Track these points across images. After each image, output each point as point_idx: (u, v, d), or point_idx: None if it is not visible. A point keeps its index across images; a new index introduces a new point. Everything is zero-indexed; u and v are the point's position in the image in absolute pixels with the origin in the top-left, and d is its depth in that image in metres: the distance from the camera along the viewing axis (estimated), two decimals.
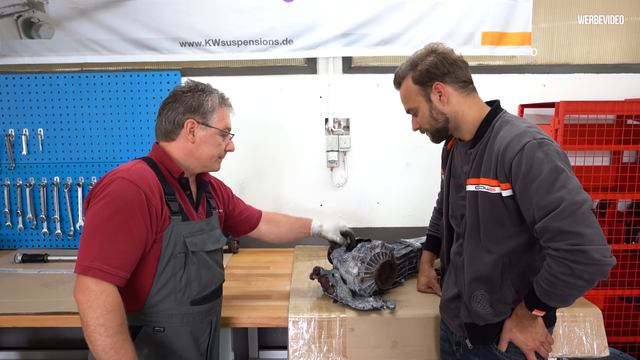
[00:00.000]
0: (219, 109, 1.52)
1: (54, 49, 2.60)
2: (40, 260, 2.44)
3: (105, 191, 1.30)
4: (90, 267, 1.24)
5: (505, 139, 1.32)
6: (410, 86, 1.48)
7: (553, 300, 1.26)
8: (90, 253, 1.25)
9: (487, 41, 2.61)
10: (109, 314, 1.23)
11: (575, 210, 1.19)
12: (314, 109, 2.69)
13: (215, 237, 1.57)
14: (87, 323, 1.22)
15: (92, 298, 1.22)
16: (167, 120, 1.47)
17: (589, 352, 1.75)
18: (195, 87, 1.50)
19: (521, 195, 1.28)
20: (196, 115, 1.47)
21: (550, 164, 1.24)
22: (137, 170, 1.36)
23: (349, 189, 2.76)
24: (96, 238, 1.26)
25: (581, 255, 1.17)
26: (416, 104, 1.49)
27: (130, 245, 1.29)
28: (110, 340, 1.22)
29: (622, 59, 2.70)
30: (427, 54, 1.46)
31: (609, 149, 2.52)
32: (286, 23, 2.58)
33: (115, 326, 1.23)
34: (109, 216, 1.27)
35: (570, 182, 1.22)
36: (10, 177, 2.69)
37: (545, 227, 1.22)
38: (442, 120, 1.46)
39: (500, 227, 1.37)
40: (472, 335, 1.48)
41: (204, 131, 1.48)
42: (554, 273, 1.22)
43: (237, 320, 1.79)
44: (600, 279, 1.20)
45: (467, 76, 1.46)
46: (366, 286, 1.78)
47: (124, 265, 1.28)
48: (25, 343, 2.93)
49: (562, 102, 2.30)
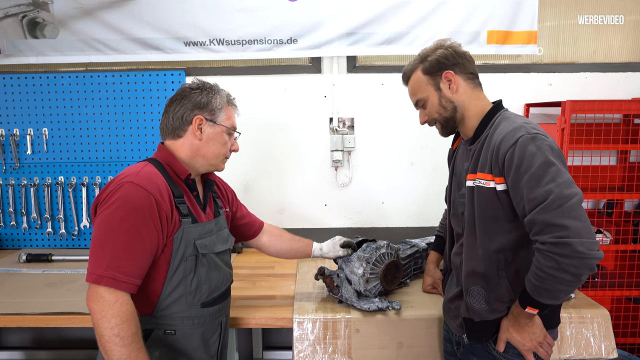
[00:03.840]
0: (227, 108, 1.53)
1: (59, 48, 2.61)
2: (45, 260, 2.45)
3: (113, 197, 1.28)
4: (104, 276, 1.22)
5: (501, 133, 1.35)
6: (419, 77, 1.51)
7: (543, 297, 1.26)
8: (103, 261, 1.23)
9: (492, 40, 2.59)
10: (123, 323, 1.21)
11: (563, 203, 1.19)
12: (318, 109, 2.69)
13: (223, 238, 1.56)
14: (102, 333, 1.21)
15: (106, 308, 1.21)
16: (174, 117, 1.46)
17: (596, 353, 1.74)
18: (203, 85, 1.51)
19: (513, 188, 1.29)
20: (204, 112, 1.47)
21: (542, 157, 1.25)
22: (145, 174, 1.34)
23: (354, 189, 2.75)
24: (107, 246, 1.24)
25: (566, 248, 1.17)
26: (425, 94, 1.51)
27: (142, 252, 1.28)
28: (126, 350, 1.21)
29: (629, 58, 2.67)
30: (436, 47, 1.50)
31: (616, 148, 2.50)
32: (290, 22, 2.57)
33: (130, 335, 1.22)
34: (120, 223, 1.25)
35: (560, 176, 1.23)
36: (14, 177, 2.69)
37: (533, 220, 1.23)
38: (450, 108, 1.49)
39: (495, 222, 1.37)
40: (469, 331, 1.48)
41: (211, 128, 1.48)
42: (541, 267, 1.22)
43: (241, 320, 1.79)
44: (588, 273, 1.19)
45: (474, 70, 1.51)
46: (371, 287, 1.78)
47: (136, 272, 1.27)
48: (29, 343, 2.93)
49: (568, 101, 2.28)
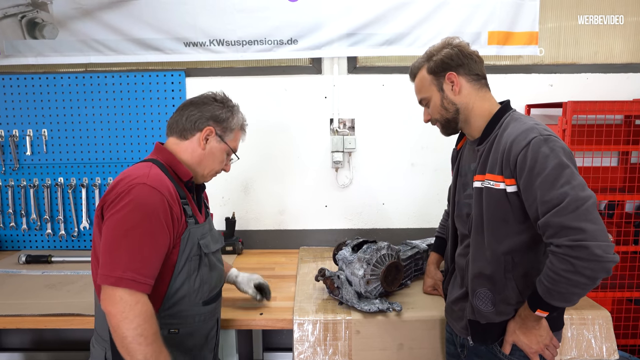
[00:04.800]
0: (237, 131, 1.58)
1: (58, 49, 2.60)
2: (44, 262, 2.44)
3: (126, 199, 1.27)
4: (123, 278, 1.22)
5: (512, 135, 1.33)
6: (424, 76, 1.51)
7: (555, 299, 1.25)
8: (120, 264, 1.23)
9: (493, 41, 2.58)
10: (146, 323, 1.22)
11: (579, 206, 1.18)
12: (318, 110, 2.68)
13: (215, 237, 1.59)
14: (124, 335, 1.20)
15: (128, 309, 1.21)
16: (188, 119, 1.49)
17: (598, 355, 1.73)
18: (227, 101, 1.56)
19: (525, 190, 1.28)
20: (218, 126, 1.51)
21: (556, 159, 1.24)
22: (156, 175, 1.35)
23: (354, 190, 2.74)
24: (123, 248, 1.24)
25: (583, 251, 1.16)
26: (429, 94, 1.51)
27: (156, 254, 1.29)
28: (151, 349, 1.22)
29: (630, 59, 2.67)
30: (443, 46, 1.50)
31: (617, 149, 2.49)
32: (291, 23, 2.57)
33: (152, 334, 1.24)
34: (135, 225, 1.25)
35: (575, 179, 1.22)
36: (14, 178, 2.69)
37: (548, 223, 1.22)
38: (452, 110, 1.48)
39: (504, 224, 1.36)
40: (474, 333, 1.47)
41: (217, 143, 1.52)
42: (555, 270, 1.21)
43: (241, 322, 1.78)
44: (603, 277, 1.18)
45: (481, 70, 1.49)
46: (372, 288, 1.77)
47: (152, 273, 1.28)
48: (29, 344, 2.92)
49: (569, 102, 2.28)
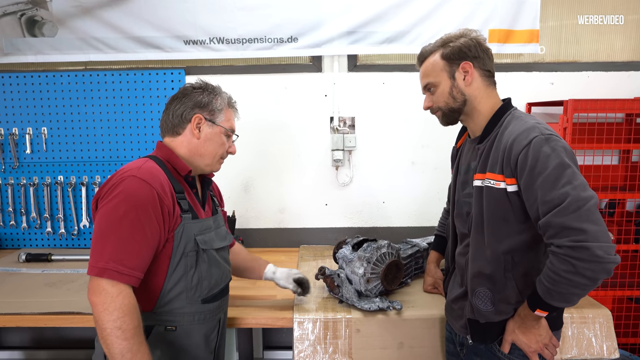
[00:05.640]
0: (227, 110, 1.55)
1: (58, 47, 2.59)
2: (44, 260, 2.44)
3: (116, 190, 1.28)
4: (106, 268, 1.22)
5: (513, 134, 1.32)
6: (436, 61, 1.47)
7: (555, 299, 1.24)
8: (105, 254, 1.23)
9: (494, 39, 2.58)
10: (125, 316, 1.21)
11: (581, 206, 1.17)
12: (319, 108, 2.67)
13: (222, 235, 1.57)
14: (103, 326, 1.20)
15: (109, 300, 1.21)
16: (174, 114, 1.48)
17: (598, 354, 1.73)
18: (205, 85, 1.54)
19: (526, 190, 1.27)
20: (204, 111, 1.49)
21: (557, 159, 1.23)
22: (147, 168, 1.34)
23: (355, 188, 2.74)
24: (110, 239, 1.24)
25: (584, 252, 1.15)
26: (437, 79, 1.48)
27: (144, 246, 1.28)
28: (127, 344, 1.20)
29: (632, 57, 2.66)
30: (461, 35, 1.47)
31: (618, 147, 2.49)
32: (291, 21, 2.56)
33: (132, 329, 1.22)
34: (122, 216, 1.25)
35: (576, 179, 1.21)
36: (14, 176, 2.68)
37: (548, 223, 1.21)
38: (460, 100, 1.46)
39: (504, 224, 1.36)
40: (473, 332, 1.47)
41: (210, 128, 1.50)
42: (556, 270, 1.20)
43: (241, 320, 1.78)
44: (604, 277, 1.18)
45: (492, 68, 1.48)
46: (372, 286, 1.77)
47: (139, 265, 1.27)
48: (29, 342, 2.92)
49: (570, 100, 2.27)
